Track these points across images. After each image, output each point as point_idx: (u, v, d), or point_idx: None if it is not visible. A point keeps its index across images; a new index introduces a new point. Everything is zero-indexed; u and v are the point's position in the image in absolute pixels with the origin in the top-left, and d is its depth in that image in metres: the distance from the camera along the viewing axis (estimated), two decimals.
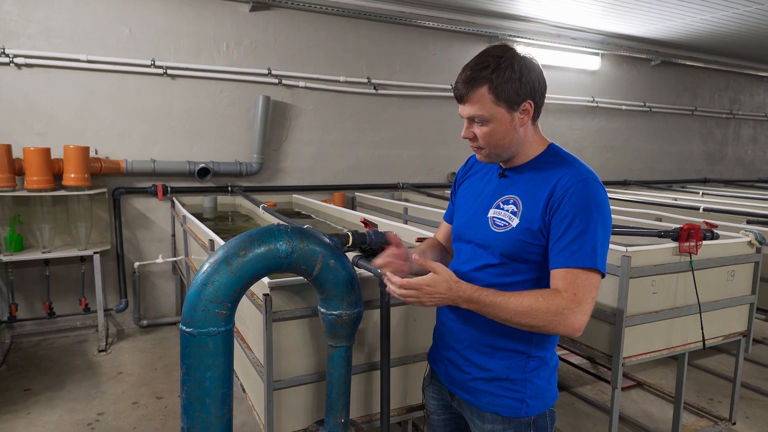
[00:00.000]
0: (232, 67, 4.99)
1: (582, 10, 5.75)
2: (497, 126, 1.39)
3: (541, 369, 1.47)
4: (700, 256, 2.70)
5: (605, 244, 1.35)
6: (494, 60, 1.35)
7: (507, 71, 1.34)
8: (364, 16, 5.47)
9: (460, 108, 1.42)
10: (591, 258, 1.31)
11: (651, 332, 2.65)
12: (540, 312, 1.29)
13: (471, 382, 1.51)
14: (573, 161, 1.42)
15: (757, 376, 3.93)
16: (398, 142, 5.93)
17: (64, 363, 4.02)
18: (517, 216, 1.40)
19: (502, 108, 1.37)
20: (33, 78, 4.31)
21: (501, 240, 1.42)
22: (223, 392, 1.50)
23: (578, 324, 1.30)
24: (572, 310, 1.29)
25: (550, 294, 1.31)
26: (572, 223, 1.31)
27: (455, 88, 1.41)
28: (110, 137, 4.60)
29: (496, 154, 1.45)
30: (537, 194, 1.39)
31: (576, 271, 1.31)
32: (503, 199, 1.46)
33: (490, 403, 1.48)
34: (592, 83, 7.17)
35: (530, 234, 1.38)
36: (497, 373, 1.46)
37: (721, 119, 8.68)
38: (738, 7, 5.51)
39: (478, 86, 1.35)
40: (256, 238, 1.52)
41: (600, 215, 1.33)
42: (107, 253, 4.59)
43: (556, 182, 1.36)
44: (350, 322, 1.68)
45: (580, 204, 1.32)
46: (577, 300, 1.29)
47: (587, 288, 1.31)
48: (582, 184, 1.34)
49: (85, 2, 4.39)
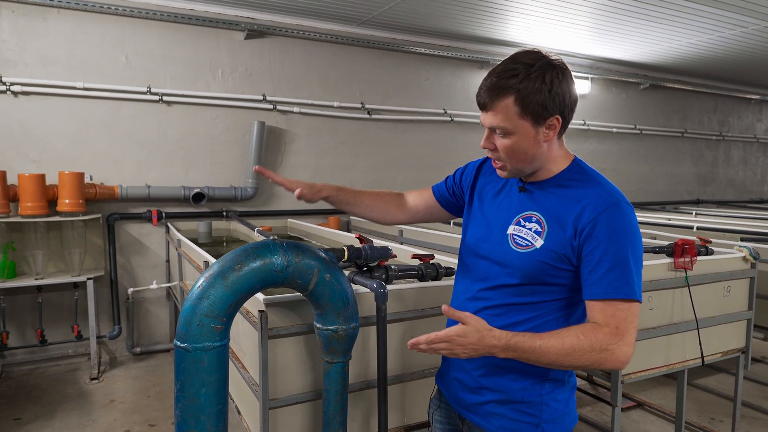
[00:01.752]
0: (227, 94, 5.05)
1: (571, 35, 5.87)
2: (520, 140, 1.29)
3: (558, 391, 1.39)
4: (696, 272, 2.71)
5: (639, 271, 1.28)
6: (524, 68, 1.24)
7: (537, 82, 1.23)
8: (357, 43, 5.57)
9: (482, 116, 1.32)
10: (629, 287, 1.24)
11: (649, 349, 2.64)
12: (584, 351, 1.21)
13: (483, 406, 1.42)
14: (600, 180, 1.34)
15: (757, 395, 3.89)
16: (392, 166, 5.97)
17: (55, 391, 3.94)
18: (542, 237, 1.32)
19: (528, 122, 1.27)
20: (29, 105, 4.34)
21: (523, 261, 1.34)
22: (218, 409, 1.47)
23: (625, 357, 1.23)
24: (617, 345, 1.22)
25: (591, 330, 1.23)
26: (607, 250, 1.24)
27: (478, 94, 1.30)
28: (105, 163, 4.61)
29: (518, 170, 1.35)
30: (563, 215, 1.31)
31: (615, 303, 1.24)
32: (524, 215, 1.37)
33: (503, 427, 1.39)
34: (583, 106, 7.27)
35: (556, 257, 1.30)
36: (511, 396, 1.38)
37: (711, 141, 8.80)
38: (723, 31, 5.65)
39: (504, 96, 1.25)
40: (251, 252, 1.52)
41: (634, 241, 1.27)
42: (101, 279, 4.56)
43: (586, 205, 1.28)
44: (346, 338, 1.66)
45: (614, 230, 1.25)
46: (620, 333, 1.23)
47: (629, 319, 1.24)
48: (614, 209, 1.26)
49: (82, 31, 4.46)
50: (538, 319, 1.36)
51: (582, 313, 1.37)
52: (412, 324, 2.04)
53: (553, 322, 1.35)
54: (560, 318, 1.36)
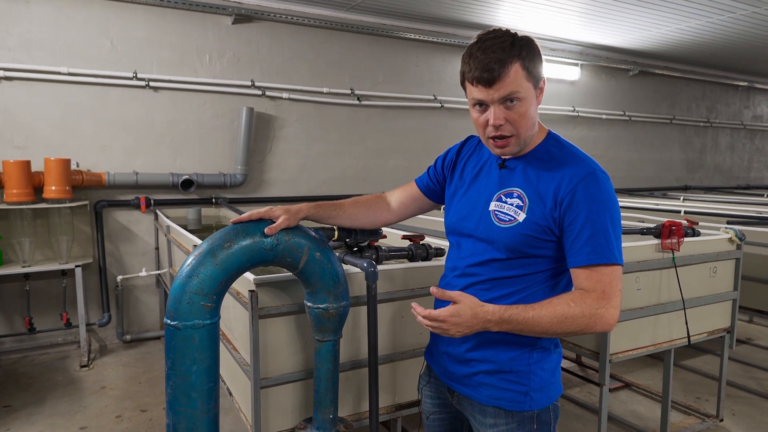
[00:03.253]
0: (215, 79, 5.00)
1: (561, 20, 5.87)
2: (529, 104, 1.32)
3: (545, 361, 1.42)
4: (683, 253, 2.74)
5: (619, 236, 1.33)
6: (511, 37, 1.30)
7: (530, 48, 1.31)
8: (346, 28, 5.53)
9: (485, 92, 1.30)
10: (611, 252, 1.29)
11: (637, 329, 2.67)
12: (576, 317, 1.26)
13: (472, 377, 1.45)
14: (576, 152, 1.39)
15: (742, 375, 3.96)
16: (382, 153, 5.96)
17: (45, 379, 3.92)
18: (523, 210, 1.36)
19: (531, 84, 1.32)
20: (13, 91, 4.27)
21: (507, 235, 1.37)
22: (210, 386, 1.47)
23: (612, 320, 1.28)
24: (605, 308, 1.27)
25: (580, 297, 1.28)
26: (587, 219, 1.29)
27: (484, 70, 1.28)
28: (92, 150, 4.56)
29: (524, 140, 1.37)
30: (543, 188, 1.35)
31: (599, 268, 1.29)
32: (505, 191, 1.41)
33: (493, 397, 1.42)
34: (572, 93, 7.29)
35: (539, 229, 1.34)
36: (500, 366, 1.41)
37: (699, 128, 8.87)
38: (712, 16, 5.67)
39: (512, 63, 1.28)
40: (241, 230, 1.51)
41: (612, 207, 1.32)
42: (89, 267, 4.53)
43: (563, 176, 1.33)
44: (337, 316, 1.67)
45: (592, 198, 1.30)
46: (607, 297, 1.28)
47: (613, 282, 1.29)
48: (590, 177, 1.31)
49: (66, 15, 4.38)
50: (525, 290, 1.39)
51: (567, 282, 1.41)
52: (402, 304, 2.05)
53: (539, 293, 1.39)
54: (546, 288, 1.40)
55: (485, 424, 1.44)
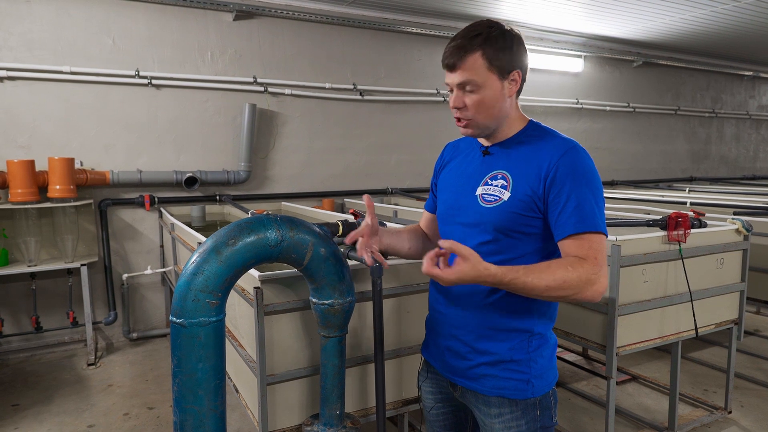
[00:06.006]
0: (217, 76, 4.99)
1: (564, 12, 5.82)
2: (489, 93, 1.39)
3: (543, 348, 1.46)
4: (689, 245, 2.72)
5: (602, 207, 1.37)
6: (485, 29, 1.37)
7: (499, 40, 1.37)
8: (347, 23, 5.50)
9: (449, 77, 1.41)
10: (596, 221, 1.33)
11: (644, 321, 2.66)
12: (573, 282, 1.28)
13: (474, 369, 1.47)
14: (556, 133, 1.44)
15: (750, 366, 3.94)
16: (386, 148, 5.94)
17: (53, 377, 3.94)
18: (508, 189, 1.40)
19: (494, 74, 1.38)
20: (15, 90, 4.27)
21: (493, 215, 1.40)
22: (216, 383, 1.47)
23: (603, 288, 1.31)
24: (598, 275, 1.30)
25: (577, 262, 1.30)
26: (571, 190, 1.33)
27: (445, 57, 1.40)
28: (95, 148, 4.56)
29: (485, 125, 1.44)
30: (526, 167, 1.40)
31: (588, 236, 1.32)
32: (491, 175, 1.45)
33: (496, 387, 1.45)
34: (576, 85, 7.24)
35: (524, 206, 1.38)
36: (501, 356, 1.44)
37: (704, 118, 8.80)
38: (716, 5, 5.62)
39: (472, 52, 1.36)
40: (245, 227, 1.51)
41: (593, 178, 1.37)
42: (95, 266, 4.54)
43: (545, 154, 1.38)
44: (342, 312, 1.66)
45: (574, 171, 1.35)
46: (599, 264, 1.31)
47: (601, 250, 1.33)
48: (572, 152, 1.37)
49: (67, 14, 4.38)
50: None
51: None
52: (407, 299, 2.04)
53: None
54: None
55: (490, 414, 1.47)
